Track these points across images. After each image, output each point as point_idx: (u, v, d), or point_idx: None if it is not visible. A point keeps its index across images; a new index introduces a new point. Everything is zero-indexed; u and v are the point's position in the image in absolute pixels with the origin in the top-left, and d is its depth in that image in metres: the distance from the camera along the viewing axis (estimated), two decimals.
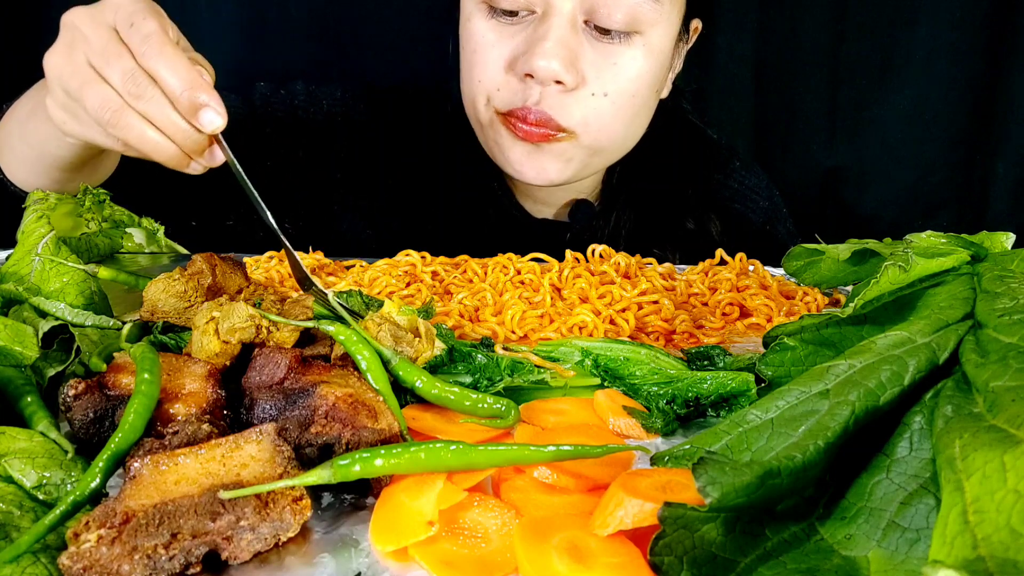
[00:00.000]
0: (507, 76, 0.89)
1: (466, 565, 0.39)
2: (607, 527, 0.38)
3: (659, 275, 0.78)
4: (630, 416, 0.53)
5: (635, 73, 0.89)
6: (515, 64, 0.87)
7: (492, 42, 0.89)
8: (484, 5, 0.89)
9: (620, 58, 0.88)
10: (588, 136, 0.91)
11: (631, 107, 0.92)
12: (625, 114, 0.92)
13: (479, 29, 0.90)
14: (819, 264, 0.68)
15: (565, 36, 0.85)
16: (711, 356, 0.62)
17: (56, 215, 0.75)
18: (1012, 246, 0.59)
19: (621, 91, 0.89)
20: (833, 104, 1.44)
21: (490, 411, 0.52)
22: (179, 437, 0.42)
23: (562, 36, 0.84)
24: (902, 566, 0.35)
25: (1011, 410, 0.36)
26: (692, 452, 0.44)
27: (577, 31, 0.86)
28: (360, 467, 0.41)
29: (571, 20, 0.85)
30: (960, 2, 1.36)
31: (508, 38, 0.88)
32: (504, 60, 0.89)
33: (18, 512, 0.40)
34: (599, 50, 0.87)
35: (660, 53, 0.90)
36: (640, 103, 0.93)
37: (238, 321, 0.53)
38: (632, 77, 0.89)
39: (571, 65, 0.85)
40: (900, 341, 0.46)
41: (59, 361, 0.55)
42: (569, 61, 0.85)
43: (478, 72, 0.91)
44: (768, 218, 1.14)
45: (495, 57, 0.89)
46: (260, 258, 0.81)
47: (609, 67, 0.88)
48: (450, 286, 0.75)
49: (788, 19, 1.40)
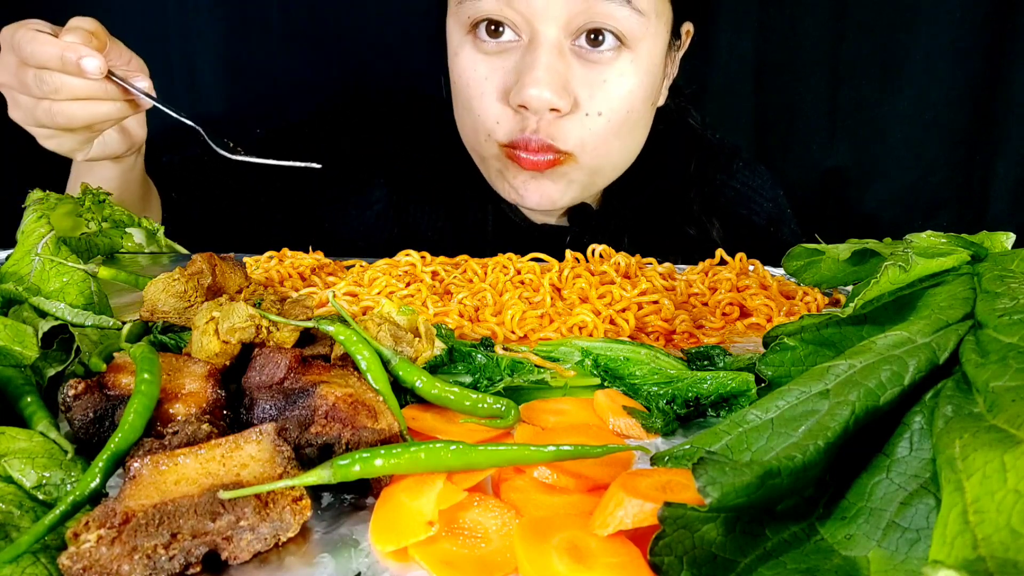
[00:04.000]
0: (503, 108, 0.89)
1: (466, 565, 0.39)
2: (607, 527, 0.38)
3: (659, 275, 0.78)
4: (630, 416, 0.53)
5: (627, 90, 0.89)
6: (508, 96, 0.87)
7: (484, 75, 0.89)
8: (469, 36, 0.89)
9: (610, 75, 0.87)
10: (587, 157, 0.91)
11: (626, 124, 0.91)
12: (621, 131, 0.91)
13: (468, 63, 0.90)
14: (819, 264, 0.67)
15: (552, 62, 0.84)
16: (711, 356, 0.62)
17: (56, 215, 0.75)
18: (1012, 246, 0.59)
19: (615, 109, 0.89)
20: (833, 104, 1.44)
21: (490, 411, 0.52)
22: (179, 437, 0.42)
23: (550, 63, 0.84)
24: (902, 566, 0.35)
25: (1011, 410, 0.36)
26: (692, 452, 0.44)
27: (564, 54, 0.85)
28: (360, 467, 0.41)
29: (557, 45, 0.85)
30: (960, 2, 1.36)
31: (498, 70, 0.88)
32: (497, 92, 0.88)
33: (18, 512, 0.40)
34: (588, 70, 0.87)
35: (651, 66, 0.90)
36: (635, 119, 0.92)
37: (238, 321, 0.53)
38: (624, 94, 0.89)
39: (563, 90, 0.85)
40: (900, 341, 0.46)
41: (59, 361, 0.55)
42: (560, 86, 0.85)
43: (476, 107, 0.91)
44: (771, 220, 1.14)
45: (488, 91, 0.89)
46: (260, 258, 0.81)
47: (600, 86, 0.87)
48: (450, 286, 0.75)
49: (788, 19, 1.40)
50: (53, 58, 0.75)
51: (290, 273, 0.78)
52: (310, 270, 0.79)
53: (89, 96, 0.78)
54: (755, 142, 1.46)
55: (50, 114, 0.78)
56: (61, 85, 0.77)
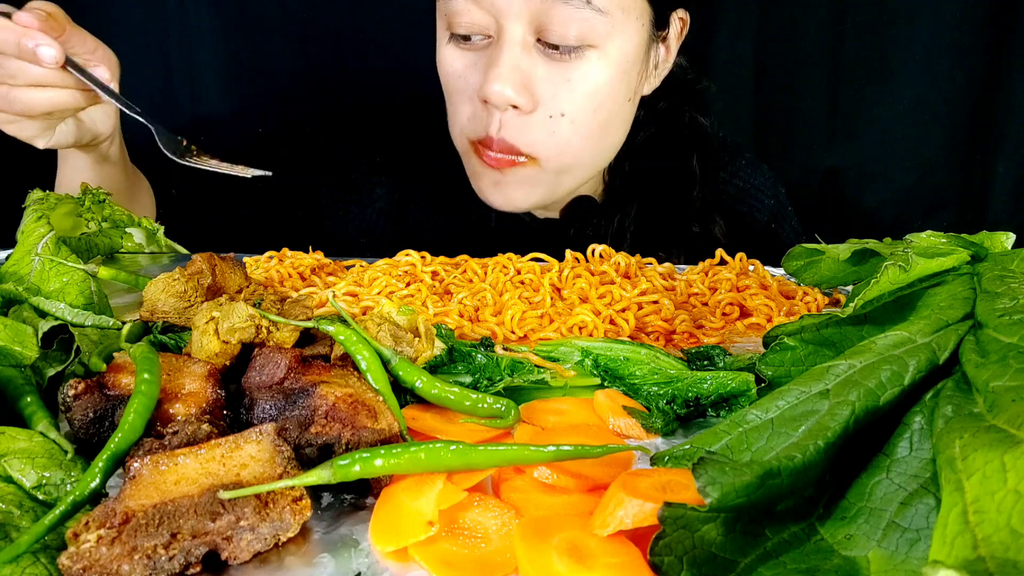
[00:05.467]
0: (475, 105, 0.89)
1: (466, 565, 0.39)
2: (607, 527, 0.38)
3: (659, 275, 0.78)
4: (630, 416, 0.53)
5: (592, 88, 0.87)
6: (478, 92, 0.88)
7: (460, 71, 0.90)
8: (447, 32, 0.90)
9: (574, 74, 0.86)
10: (550, 160, 0.90)
11: (594, 123, 0.90)
12: (588, 131, 0.90)
13: (448, 58, 0.90)
14: (819, 264, 0.67)
15: (516, 59, 0.84)
16: (711, 356, 0.62)
17: (56, 215, 0.75)
18: (1012, 246, 0.59)
19: (579, 108, 0.87)
20: (833, 104, 1.44)
21: (490, 411, 0.52)
22: (179, 437, 0.42)
23: (512, 60, 0.84)
24: (902, 566, 0.35)
25: (1011, 410, 0.36)
26: (692, 452, 0.44)
27: (530, 52, 0.85)
28: (360, 467, 0.41)
29: (522, 43, 0.84)
30: (960, 2, 1.36)
31: (471, 66, 0.88)
32: (470, 89, 0.89)
33: (18, 512, 0.40)
34: (552, 68, 0.86)
35: (622, 62, 0.88)
36: (605, 117, 0.90)
37: (238, 321, 0.53)
38: (589, 93, 0.87)
39: (523, 88, 0.84)
40: (900, 341, 0.46)
41: (59, 361, 0.55)
42: (522, 84, 0.84)
43: (454, 101, 0.92)
44: (773, 216, 1.14)
45: (463, 87, 0.90)
46: (260, 258, 0.81)
47: (563, 84, 0.86)
48: (450, 286, 0.75)
49: (788, 19, 1.40)
50: (9, 44, 0.75)
51: (290, 273, 0.78)
52: (310, 270, 0.79)
53: (47, 84, 0.78)
54: (755, 142, 1.46)
55: (7, 100, 0.79)
56: (18, 71, 0.77)
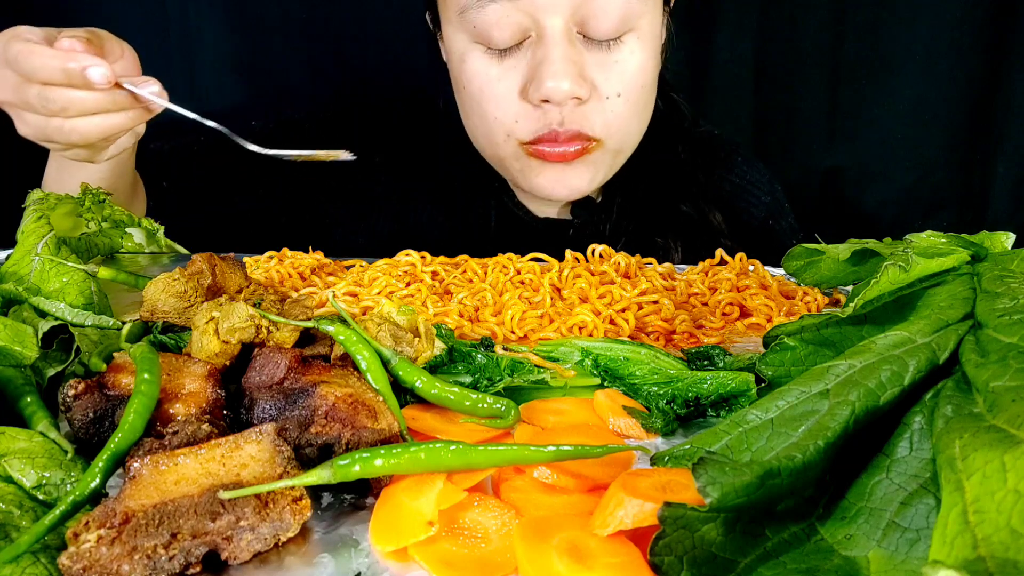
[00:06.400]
0: (522, 105, 0.89)
1: (466, 565, 0.39)
2: (607, 527, 0.38)
3: (659, 275, 0.78)
4: (630, 416, 0.53)
5: (638, 66, 0.90)
6: (527, 92, 0.88)
7: (497, 76, 0.89)
8: (479, 45, 0.89)
9: (620, 55, 0.88)
10: (612, 139, 0.93)
11: (643, 99, 0.93)
12: (638, 108, 0.93)
13: (479, 67, 0.90)
14: (819, 264, 0.67)
15: (566, 52, 0.85)
16: (711, 356, 0.62)
17: (56, 215, 0.75)
18: (1012, 246, 0.59)
19: (631, 88, 0.90)
20: (833, 104, 1.44)
21: (490, 411, 0.52)
22: (179, 437, 0.42)
23: (563, 53, 0.85)
24: (902, 566, 0.35)
25: (1011, 410, 0.36)
26: (692, 452, 0.44)
27: (574, 42, 0.86)
28: (360, 467, 0.41)
29: (566, 34, 0.85)
30: (960, 2, 1.36)
31: (511, 69, 0.89)
32: (515, 91, 0.89)
33: (18, 512, 0.40)
34: (599, 55, 0.88)
35: (653, 37, 0.92)
36: (648, 92, 0.94)
37: (238, 321, 0.53)
38: (636, 70, 0.90)
39: (580, 78, 0.86)
40: (900, 341, 0.45)
41: (59, 361, 0.55)
42: (577, 75, 0.86)
43: (492, 109, 0.91)
44: (770, 213, 1.15)
45: (504, 90, 0.89)
46: (260, 258, 0.81)
47: (612, 67, 0.88)
48: (450, 286, 0.75)
49: (788, 19, 1.40)
50: (56, 72, 0.70)
51: (290, 273, 0.78)
52: (310, 270, 0.79)
53: (100, 110, 0.73)
54: (755, 142, 1.46)
55: (62, 132, 0.74)
56: (69, 102, 0.71)
